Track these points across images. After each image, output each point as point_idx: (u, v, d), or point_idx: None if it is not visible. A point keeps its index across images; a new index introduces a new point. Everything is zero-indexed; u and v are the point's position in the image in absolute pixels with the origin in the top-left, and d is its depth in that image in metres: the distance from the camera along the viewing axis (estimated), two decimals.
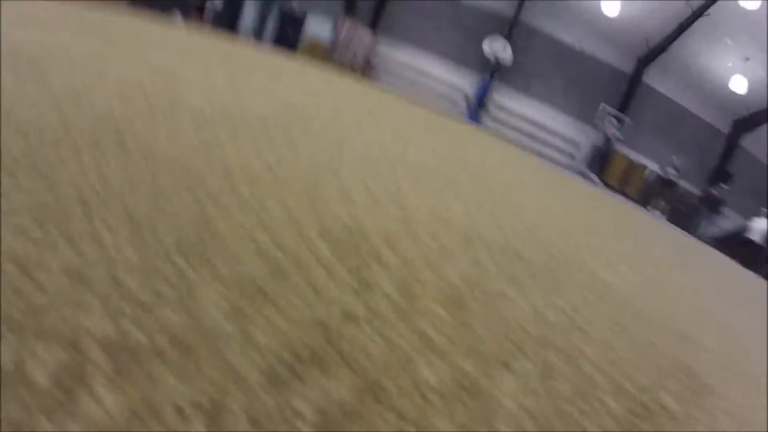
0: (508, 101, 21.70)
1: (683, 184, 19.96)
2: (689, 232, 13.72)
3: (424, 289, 1.51)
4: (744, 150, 20.64)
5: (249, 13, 24.08)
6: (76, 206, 1.18)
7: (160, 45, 5.68)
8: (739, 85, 18.70)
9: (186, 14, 18.84)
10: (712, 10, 16.95)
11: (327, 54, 21.24)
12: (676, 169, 13.97)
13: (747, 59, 18.08)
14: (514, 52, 20.48)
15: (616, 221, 7.21)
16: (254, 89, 4.26)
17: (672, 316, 2.62)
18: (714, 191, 13.95)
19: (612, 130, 19.79)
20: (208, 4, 20.69)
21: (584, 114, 20.97)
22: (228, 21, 22.42)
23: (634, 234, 6.80)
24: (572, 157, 21.35)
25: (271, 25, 24.47)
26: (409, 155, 4.16)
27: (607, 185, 20.25)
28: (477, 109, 20.62)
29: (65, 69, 2.64)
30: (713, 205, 13.91)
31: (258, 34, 24.44)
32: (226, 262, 1.17)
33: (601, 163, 20.25)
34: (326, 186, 2.09)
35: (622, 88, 21.01)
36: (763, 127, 19.89)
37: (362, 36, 21.42)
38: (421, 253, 1.74)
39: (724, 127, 20.97)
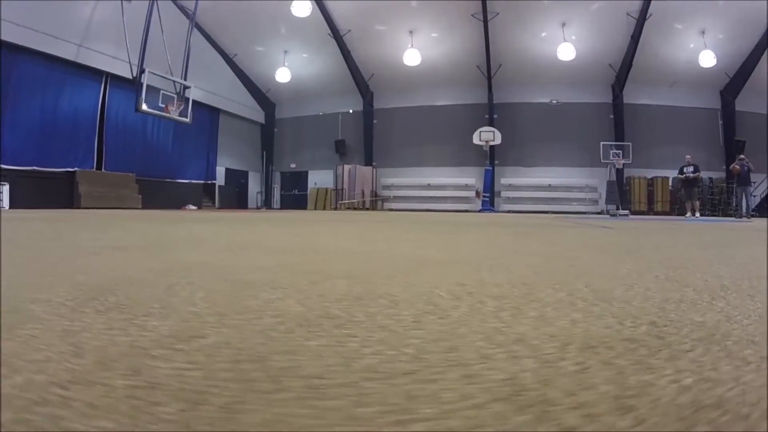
0: (515, 178, 22.11)
1: (706, 175, 19.80)
2: (734, 216, 13.27)
3: None
4: (743, 113, 20.42)
5: (254, 186, 25.98)
6: None
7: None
8: (707, 59, 18.82)
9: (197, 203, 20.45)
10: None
11: (334, 196, 22.72)
12: (692, 165, 13.72)
13: (703, 32, 18.52)
14: (500, 132, 21.22)
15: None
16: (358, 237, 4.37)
17: None
18: (735, 165, 13.57)
19: (619, 161, 19.96)
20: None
21: (587, 158, 21.07)
22: (236, 197, 24.09)
23: None
24: (594, 201, 21.21)
25: (276, 188, 26.39)
26: None
27: (636, 212, 20.01)
28: (490, 197, 21.03)
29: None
30: (741, 180, 13.45)
31: (267, 199, 26.19)
32: None
33: (621, 194, 20.17)
34: None
35: (608, 118, 21.45)
36: (750, 82, 19.67)
37: (363, 174, 22.83)
38: None
39: (716, 103, 21.06)
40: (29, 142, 14.59)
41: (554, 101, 22.04)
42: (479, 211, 20.90)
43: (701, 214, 19.38)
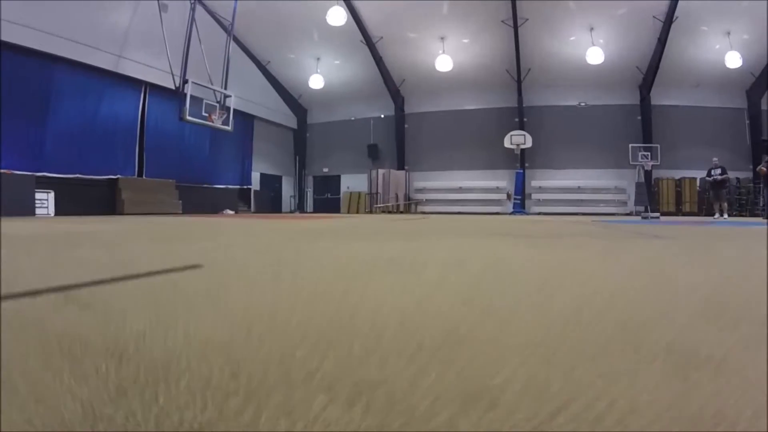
0: (544, 181, 22.60)
1: (733, 175, 19.96)
2: (763, 216, 13.55)
3: None
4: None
5: (288, 189, 26.71)
6: None
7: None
8: (733, 60, 18.94)
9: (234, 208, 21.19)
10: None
11: (368, 198, 23.50)
12: (719, 167, 13.99)
13: (728, 33, 18.70)
14: (530, 135, 21.83)
15: None
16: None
17: None
18: (762, 167, 13.81)
19: (648, 163, 20.27)
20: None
21: (615, 160, 21.46)
22: (271, 201, 24.83)
23: None
24: (623, 203, 21.60)
25: (309, 192, 27.15)
26: None
27: (664, 213, 20.16)
28: (521, 199, 21.56)
29: None
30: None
31: (300, 203, 26.96)
32: None
33: (650, 195, 20.52)
34: None
35: (636, 120, 21.73)
36: None
37: (397, 178, 23.51)
38: None
39: (742, 103, 21.20)
40: (72, 150, 15.14)
41: (582, 104, 22.42)
42: (511, 213, 21.42)
43: (729, 215, 19.66)
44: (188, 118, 15.51)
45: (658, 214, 12.73)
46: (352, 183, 25.64)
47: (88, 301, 1.40)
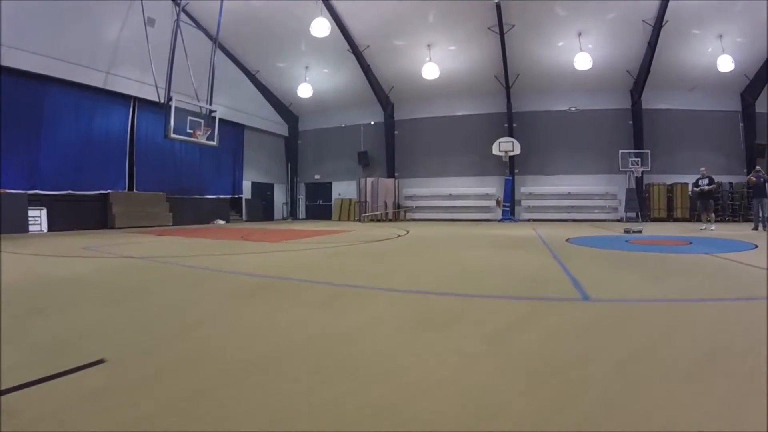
0: (535, 187, 22.35)
1: (726, 180, 20.00)
2: (756, 226, 13.33)
3: None
4: (764, 115, 20.10)
5: (280, 197, 26.66)
6: None
7: None
8: (725, 63, 18.59)
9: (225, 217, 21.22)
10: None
11: (357, 206, 23.40)
12: (707, 177, 13.73)
13: (720, 36, 18.40)
14: (518, 141, 21.57)
15: None
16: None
17: None
18: (751, 177, 13.57)
19: (638, 169, 20.09)
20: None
21: (606, 165, 21.25)
22: (263, 209, 24.79)
23: None
24: (614, 209, 21.37)
25: (301, 199, 27.13)
26: None
27: (655, 219, 20.29)
28: (510, 206, 21.39)
29: None
30: (757, 192, 13.45)
31: (293, 210, 26.93)
32: None
33: (640, 202, 20.50)
34: None
35: (627, 124, 21.45)
36: None
37: (386, 185, 23.37)
38: None
39: (736, 106, 20.90)
40: (64, 167, 15.41)
41: (573, 108, 22.17)
42: (500, 220, 21.24)
43: (721, 221, 19.40)
44: (173, 135, 15.60)
45: (641, 228, 12.48)
46: (344, 190, 25.62)
47: None
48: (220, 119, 18.93)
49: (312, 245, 8.88)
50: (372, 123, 24.94)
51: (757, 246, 8.10)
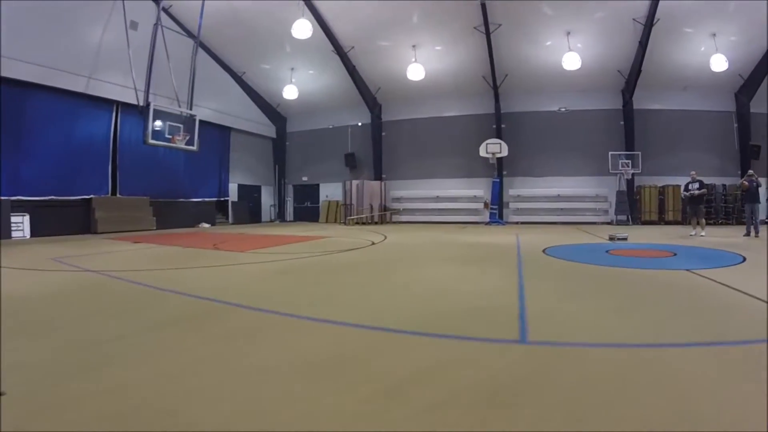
0: (523, 189, 21.89)
1: (719, 182, 19.66)
2: (749, 231, 12.87)
3: None
4: (758, 115, 19.57)
5: (267, 199, 26.26)
6: None
7: None
8: (719, 63, 17.98)
9: (210, 221, 20.85)
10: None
11: (343, 208, 23.00)
12: (697, 181, 13.26)
13: (714, 35, 17.89)
14: (507, 142, 21.14)
15: None
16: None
17: None
18: (744, 181, 13.12)
19: (628, 171, 19.68)
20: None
21: (597, 167, 20.78)
22: (249, 211, 24.37)
23: None
24: (605, 211, 20.89)
25: (289, 201, 26.74)
26: None
27: (647, 222, 19.93)
28: (498, 209, 20.97)
29: None
30: (750, 197, 12.98)
31: (280, 212, 26.54)
32: None
33: (631, 204, 20.10)
34: None
35: (619, 125, 20.96)
36: (766, 83, 18.91)
37: (372, 188, 22.96)
38: None
39: (730, 106, 20.41)
40: (46, 173, 15.23)
41: (563, 109, 21.69)
42: (487, 223, 20.80)
43: (714, 224, 18.93)
44: (151, 141, 15.35)
45: (626, 235, 12.00)
46: (331, 192, 25.20)
47: None
48: (205, 122, 19.12)
49: (276, 255, 8.71)
50: (359, 124, 24.49)
51: (745, 259, 7.64)
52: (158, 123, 15.89)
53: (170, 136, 16.26)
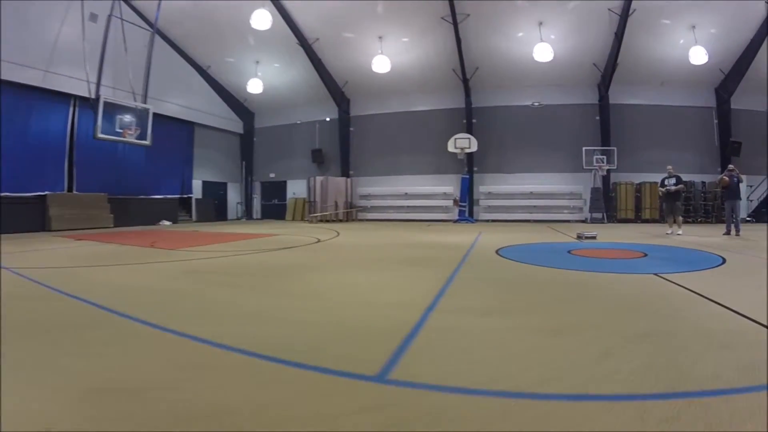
0: (495, 186, 21.09)
1: (699, 179, 19.18)
2: (729, 230, 12.10)
3: None
4: (739, 111, 19.11)
5: (234, 196, 25.24)
6: None
7: None
8: (698, 56, 17.34)
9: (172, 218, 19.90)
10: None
11: (308, 206, 22.06)
12: (674, 177, 12.49)
13: (693, 27, 17.20)
14: (478, 138, 20.36)
15: None
16: None
17: None
18: (724, 177, 12.38)
19: (603, 167, 18.96)
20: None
21: (571, 163, 20.06)
22: (215, 209, 23.35)
23: None
24: (579, 209, 20.19)
25: (256, 199, 25.75)
26: None
27: (622, 220, 19.27)
28: (467, 207, 20.13)
29: None
30: (730, 193, 12.23)
31: (247, 210, 25.53)
32: None
33: (606, 201, 19.44)
34: None
35: (594, 120, 20.23)
36: (747, 78, 18.25)
37: (337, 184, 22.06)
38: None
39: (710, 101, 19.75)
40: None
41: (536, 104, 20.84)
42: (455, 221, 19.92)
43: (693, 222, 18.23)
44: (100, 135, 14.77)
45: (595, 233, 11.13)
46: (298, 189, 24.24)
47: None
48: (168, 117, 18.69)
49: (202, 254, 8.12)
50: (328, 120, 23.51)
51: (725, 260, 6.72)
52: (118, 117, 15.43)
53: (121, 130, 15.58)
